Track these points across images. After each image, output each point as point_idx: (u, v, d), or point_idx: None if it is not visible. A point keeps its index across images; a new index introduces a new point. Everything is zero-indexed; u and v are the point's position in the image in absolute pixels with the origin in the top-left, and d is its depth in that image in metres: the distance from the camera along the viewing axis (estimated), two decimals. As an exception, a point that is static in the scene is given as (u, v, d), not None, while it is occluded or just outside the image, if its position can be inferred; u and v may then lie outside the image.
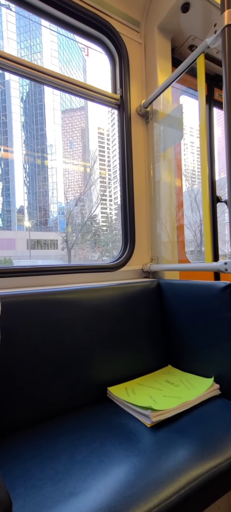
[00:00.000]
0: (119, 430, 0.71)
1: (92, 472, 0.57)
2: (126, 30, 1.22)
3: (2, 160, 18.93)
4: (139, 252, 1.26)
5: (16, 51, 18.87)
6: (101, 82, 1.35)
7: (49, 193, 18.73)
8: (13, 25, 19.03)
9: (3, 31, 18.70)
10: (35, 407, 0.79)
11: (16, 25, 19.15)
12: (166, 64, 1.26)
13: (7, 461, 0.62)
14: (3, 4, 18.31)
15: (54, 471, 0.58)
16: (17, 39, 19.15)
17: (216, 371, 0.89)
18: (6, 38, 18.66)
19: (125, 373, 0.98)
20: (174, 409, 0.75)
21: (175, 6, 1.12)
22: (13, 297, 0.82)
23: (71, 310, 0.90)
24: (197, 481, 0.55)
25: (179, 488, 0.53)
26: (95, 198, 16.24)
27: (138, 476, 0.55)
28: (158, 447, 0.63)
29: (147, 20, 1.26)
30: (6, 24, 18.76)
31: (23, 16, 18.93)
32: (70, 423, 0.77)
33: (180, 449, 0.62)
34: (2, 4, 14.43)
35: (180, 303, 1.02)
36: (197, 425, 0.71)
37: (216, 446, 0.63)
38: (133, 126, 1.26)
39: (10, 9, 17.90)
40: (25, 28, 19.41)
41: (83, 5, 1.10)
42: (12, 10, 18.56)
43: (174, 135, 1.23)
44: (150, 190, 1.31)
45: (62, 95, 19.75)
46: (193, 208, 10.36)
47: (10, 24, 18.89)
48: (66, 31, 1.15)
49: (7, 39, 18.64)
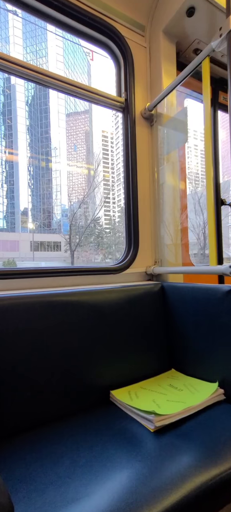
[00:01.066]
0: (121, 435, 0.71)
1: (95, 477, 0.56)
2: (131, 34, 1.23)
3: (7, 163, 19.16)
4: (142, 254, 1.26)
5: (22, 55, 19.16)
6: (105, 86, 1.36)
7: (53, 195, 18.87)
8: (20, 31, 19.35)
9: (10, 36, 19.01)
10: (38, 410, 0.79)
11: (22, 31, 19.47)
12: (171, 68, 1.26)
13: (9, 464, 0.62)
14: (10, 10, 18.63)
15: (56, 475, 0.58)
16: (23, 44, 19.46)
17: (220, 376, 0.88)
18: (13, 43, 18.97)
19: (127, 377, 0.97)
20: (177, 414, 0.74)
21: (180, 10, 1.12)
22: (17, 298, 0.82)
23: (74, 313, 0.90)
24: (201, 488, 0.54)
25: (183, 495, 0.52)
26: (99, 200, 16.31)
27: (141, 482, 0.54)
28: (161, 453, 0.62)
29: (152, 24, 1.27)
30: (12, 30, 19.08)
31: (29, 22, 19.23)
32: (72, 426, 0.76)
33: (184, 455, 0.61)
34: (9, 10, 14.58)
35: (184, 306, 1.02)
36: (201, 431, 0.70)
37: (220, 453, 0.62)
38: (137, 129, 1.26)
39: (17, 14, 18.21)
40: (31, 33, 19.73)
41: (89, 10, 1.11)
42: (19, 15, 18.88)
43: (179, 138, 1.22)
44: (154, 192, 1.30)
45: (67, 99, 19.96)
46: (197, 210, 10.32)
47: (17, 30, 19.22)
48: (71, 36, 1.16)
49: (14, 44, 18.95)
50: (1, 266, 10.87)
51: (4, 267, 2.66)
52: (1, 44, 18.79)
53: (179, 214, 1.29)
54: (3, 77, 18.86)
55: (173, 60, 1.28)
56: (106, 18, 1.15)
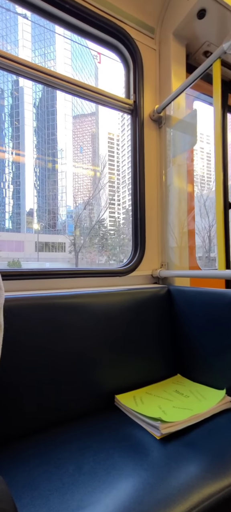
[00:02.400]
0: (126, 441, 0.69)
1: (99, 485, 0.55)
2: (140, 37, 1.23)
3: (14, 164, 19.41)
4: (149, 257, 1.25)
5: (30, 58, 19.45)
6: (112, 89, 1.36)
7: (59, 196, 19.01)
8: (29, 34, 19.65)
9: (19, 39, 19.33)
10: (41, 413, 0.78)
11: (31, 34, 19.78)
12: (180, 70, 1.25)
13: (13, 468, 0.61)
14: (20, 14, 18.92)
15: (60, 481, 0.56)
16: (31, 47, 19.75)
17: (228, 383, 0.86)
18: (22, 46, 19.28)
19: (133, 381, 0.95)
20: (184, 421, 0.72)
21: (191, 12, 1.11)
22: (21, 300, 0.82)
23: (79, 315, 0.89)
24: (210, 500, 0.52)
25: (190, 507, 0.50)
26: (104, 202, 16.35)
27: (148, 492, 0.52)
28: (168, 461, 0.61)
29: (162, 27, 1.26)
30: (22, 33, 19.40)
31: (38, 25, 19.51)
32: (77, 431, 0.75)
33: (191, 464, 0.59)
34: (19, 13, 14.81)
35: (191, 310, 1.00)
36: (208, 440, 0.68)
37: (229, 464, 0.60)
38: (146, 131, 1.25)
39: (27, 18, 18.50)
40: (40, 37, 20.01)
41: (100, 12, 1.11)
42: (28, 19, 19.18)
43: (187, 140, 1.21)
44: (161, 195, 1.29)
45: (73, 101, 20.13)
46: (202, 213, 10.25)
47: (26, 33, 19.53)
48: (79, 38, 1.17)
49: (22, 47, 19.26)
50: (6, 266, 10.98)
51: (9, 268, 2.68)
52: (10, 47, 19.12)
53: (186, 217, 1.28)
54: (12, 80, 19.16)
55: (183, 62, 1.27)
56: (116, 20, 1.15)
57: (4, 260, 12.94)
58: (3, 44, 19.19)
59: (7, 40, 19.38)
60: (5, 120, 19.09)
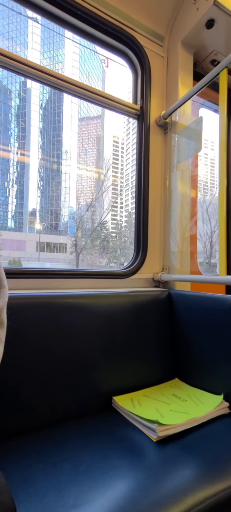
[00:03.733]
0: (123, 442, 0.69)
1: (95, 484, 0.55)
2: (149, 44, 1.25)
3: (19, 164, 19.56)
4: (150, 260, 1.25)
5: (39, 60, 19.69)
6: (118, 93, 1.38)
7: (62, 197, 19.10)
8: (38, 37, 19.92)
9: (28, 41, 19.60)
10: (39, 412, 0.78)
11: (40, 36, 20.05)
12: (188, 78, 1.27)
13: (10, 465, 0.61)
14: (31, 17, 19.17)
15: (57, 479, 0.57)
16: (41, 49, 20.01)
17: (225, 388, 0.86)
18: (31, 48, 19.53)
19: (130, 383, 0.96)
20: (181, 424, 0.72)
21: (200, 22, 1.13)
22: (21, 298, 0.82)
23: (80, 315, 0.89)
24: (204, 504, 0.52)
25: (185, 509, 0.50)
26: (107, 204, 16.40)
27: (143, 493, 0.52)
28: (163, 464, 0.61)
29: (171, 35, 1.28)
30: (31, 36, 19.67)
31: (48, 28, 19.79)
32: (74, 430, 0.75)
33: (187, 468, 0.60)
34: (29, 17, 15.02)
35: (191, 315, 1.00)
36: (204, 444, 0.68)
37: (225, 468, 0.60)
38: (152, 136, 1.27)
39: (37, 21, 18.77)
40: (49, 40, 20.28)
41: (110, 19, 1.13)
42: (39, 22, 19.45)
43: (192, 146, 1.22)
44: (165, 199, 1.30)
45: (80, 104, 20.32)
46: (204, 219, 10.26)
47: (35, 35, 19.80)
48: (88, 43, 1.18)
49: (31, 49, 19.51)
50: (8, 265, 11.00)
51: (12, 266, 2.68)
52: (20, 49, 19.38)
53: (188, 222, 1.28)
54: (20, 81, 19.40)
55: (190, 70, 1.28)
56: (126, 27, 1.17)
57: (5, 259, 12.98)
58: (12, 45, 19.46)
59: (17, 42, 19.66)
60: (12, 120, 19.29)
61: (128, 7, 1.16)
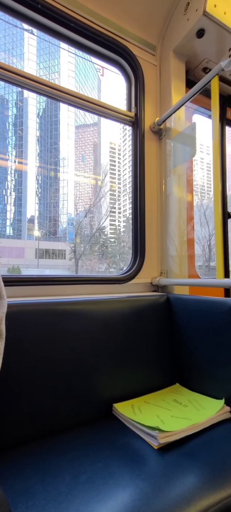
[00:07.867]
0: (124, 451, 0.68)
1: (96, 495, 0.54)
2: (142, 54, 1.28)
3: (16, 172, 19.65)
4: (148, 265, 1.26)
5: (35, 71, 19.94)
6: (114, 100, 1.40)
7: (60, 204, 19.15)
8: (34, 48, 20.22)
9: (25, 52, 19.88)
10: (39, 421, 0.77)
11: (36, 48, 20.34)
12: (180, 85, 1.29)
13: (9, 477, 0.60)
14: (27, 29, 19.47)
15: (57, 491, 0.56)
16: (37, 60, 20.29)
17: (227, 393, 0.85)
18: (27, 59, 19.81)
19: (131, 390, 0.95)
20: (182, 430, 0.72)
21: (191, 32, 1.16)
22: (20, 306, 0.82)
23: (79, 322, 0.89)
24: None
25: (188, 519, 0.50)
26: (105, 210, 16.46)
27: (145, 503, 0.52)
28: (165, 472, 0.60)
29: (162, 45, 1.31)
30: (27, 47, 19.97)
31: (44, 40, 20.09)
32: (74, 439, 0.74)
33: (189, 475, 0.59)
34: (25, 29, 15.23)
35: (190, 319, 1.00)
36: (206, 450, 0.67)
37: (228, 475, 0.59)
38: (146, 142, 1.28)
39: (32, 33, 19.09)
40: (45, 51, 20.58)
41: (103, 31, 1.16)
42: (34, 34, 19.78)
43: (187, 151, 1.24)
44: (161, 204, 1.31)
45: (76, 112, 20.55)
46: (202, 223, 10.31)
47: (31, 47, 20.10)
48: (83, 53, 1.21)
49: (28, 60, 19.78)
50: (6, 272, 10.98)
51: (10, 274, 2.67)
52: (16, 60, 19.65)
53: (185, 226, 1.29)
54: (17, 91, 19.61)
55: (183, 77, 1.31)
56: (119, 38, 1.20)
57: (4, 266, 12.94)
58: (9, 57, 19.73)
59: (13, 54, 19.94)
60: (9, 129, 19.44)
61: (120, 19, 1.19)
